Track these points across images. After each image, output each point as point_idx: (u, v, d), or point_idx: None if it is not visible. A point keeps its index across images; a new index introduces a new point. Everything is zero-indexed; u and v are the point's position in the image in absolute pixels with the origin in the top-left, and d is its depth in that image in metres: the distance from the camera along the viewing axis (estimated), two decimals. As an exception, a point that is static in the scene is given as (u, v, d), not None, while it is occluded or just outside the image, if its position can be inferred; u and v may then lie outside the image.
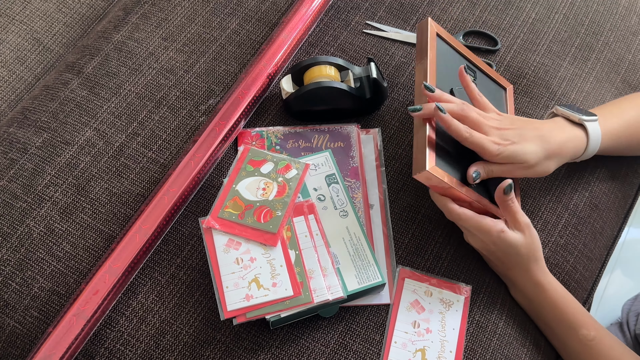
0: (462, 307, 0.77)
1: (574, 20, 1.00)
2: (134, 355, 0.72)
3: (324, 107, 0.85)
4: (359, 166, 0.83)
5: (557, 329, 0.76)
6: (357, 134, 0.85)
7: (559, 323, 0.76)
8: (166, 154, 0.83)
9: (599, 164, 0.89)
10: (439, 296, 0.77)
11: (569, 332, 0.75)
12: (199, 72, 0.88)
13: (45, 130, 0.83)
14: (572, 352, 0.76)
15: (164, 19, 0.92)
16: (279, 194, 0.76)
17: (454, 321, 0.76)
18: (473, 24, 0.97)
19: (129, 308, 0.75)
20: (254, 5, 0.94)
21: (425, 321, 0.75)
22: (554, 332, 0.77)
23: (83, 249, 0.77)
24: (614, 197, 0.90)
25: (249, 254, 0.72)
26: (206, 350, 0.73)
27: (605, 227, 0.89)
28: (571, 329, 0.75)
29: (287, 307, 0.69)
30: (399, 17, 0.97)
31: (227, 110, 0.83)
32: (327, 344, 0.74)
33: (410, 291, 0.77)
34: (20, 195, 0.79)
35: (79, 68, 0.88)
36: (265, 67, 0.86)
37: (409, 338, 0.74)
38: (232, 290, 0.70)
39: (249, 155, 0.79)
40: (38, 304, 0.74)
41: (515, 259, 0.75)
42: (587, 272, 0.85)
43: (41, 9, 0.98)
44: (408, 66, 0.92)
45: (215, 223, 0.74)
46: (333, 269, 0.72)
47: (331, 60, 0.85)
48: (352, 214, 0.77)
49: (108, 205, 0.79)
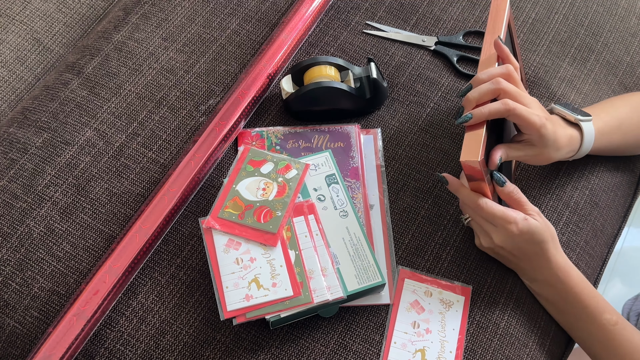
0: (462, 307, 0.77)
1: (573, 20, 1.00)
2: (134, 355, 0.72)
3: (324, 107, 0.85)
4: (359, 166, 0.83)
5: (580, 314, 0.76)
6: (357, 134, 0.85)
7: (582, 309, 0.75)
8: (166, 154, 0.83)
9: (599, 162, 0.89)
10: (439, 296, 0.77)
11: (592, 317, 0.75)
12: (199, 72, 0.88)
13: (45, 130, 0.83)
14: (595, 337, 0.75)
15: (164, 19, 0.92)
16: (279, 194, 0.76)
17: (454, 321, 0.76)
18: (473, 24, 0.97)
19: (129, 308, 0.75)
20: (254, 5, 0.94)
21: (425, 321, 0.75)
22: (577, 317, 0.76)
23: (83, 249, 0.77)
24: (615, 194, 0.91)
25: (248, 254, 0.72)
26: (206, 350, 0.73)
27: (606, 225, 0.89)
28: (595, 314, 0.74)
29: (287, 307, 0.69)
30: (399, 17, 0.97)
31: (227, 111, 0.83)
32: (327, 344, 0.74)
33: (410, 291, 0.77)
34: (20, 195, 0.79)
35: (79, 68, 0.88)
36: (265, 67, 0.86)
37: (408, 338, 0.74)
38: (232, 290, 0.70)
39: (249, 156, 0.79)
40: (38, 304, 0.74)
41: (539, 247, 0.74)
42: (588, 269, 0.85)
43: (41, 9, 0.98)
44: (408, 66, 0.92)
45: (215, 223, 0.74)
46: (333, 269, 0.72)
47: (331, 60, 0.85)
48: (352, 214, 0.77)
49: (108, 205, 0.79)
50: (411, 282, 0.77)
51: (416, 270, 0.78)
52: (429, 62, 0.93)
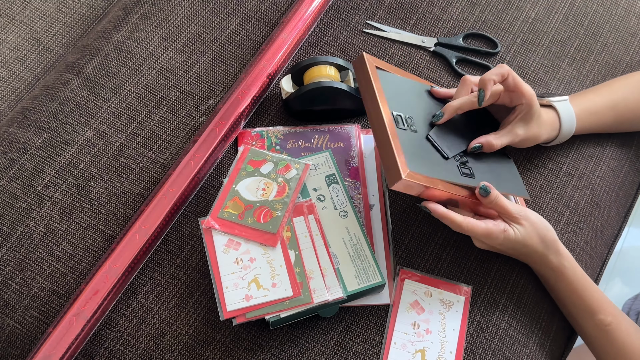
0: (463, 307, 0.77)
1: (573, 20, 1.00)
2: (134, 355, 0.72)
3: (324, 107, 0.85)
4: (359, 166, 0.83)
5: (575, 313, 0.78)
6: (358, 134, 0.85)
7: (576, 308, 0.77)
8: (166, 154, 0.83)
9: (600, 162, 0.89)
10: (439, 297, 0.77)
11: (586, 317, 0.76)
12: (199, 72, 0.88)
13: (45, 130, 0.83)
14: (589, 336, 0.77)
15: (164, 19, 0.92)
16: (278, 194, 0.76)
17: (454, 322, 0.76)
18: (473, 24, 0.97)
19: (128, 308, 0.75)
20: (254, 5, 0.94)
21: (425, 322, 0.75)
22: (572, 316, 0.79)
23: (83, 249, 0.77)
24: (615, 195, 0.91)
25: (248, 254, 0.72)
26: (206, 350, 0.73)
27: (606, 225, 0.89)
28: (588, 314, 0.76)
29: (287, 307, 0.69)
30: (399, 17, 0.97)
31: (227, 110, 0.83)
32: (327, 344, 0.74)
33: (410, 292, 0.77)
34: (20, 195, 0.79)
35: (79, 68, 0.88)
36: (265, 67, 0.86)
37: (408, 339, 0.74)
38: (231, 290, 0.70)
39: (248, 156, 0.79)
40: (38, 304, 0.74)
41: (526, 251, 0.76)
42: (588, 270, 0.85)
43: (41, 9, 0.98)
44: (408, 66, 0.92)
45: (215, 223, 0.74)
46: (333, 269, 0.72)
47: (331, 60, 0.85)
48: (351, 214, 0.77)
49: (108, 205, 0.79)
50: (411, 283, 0.77)
51: (416, 271, 0.78)
52: (428, 62, 0.93)
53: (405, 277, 0.78)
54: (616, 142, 0.92)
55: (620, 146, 0.92)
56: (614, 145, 0.92)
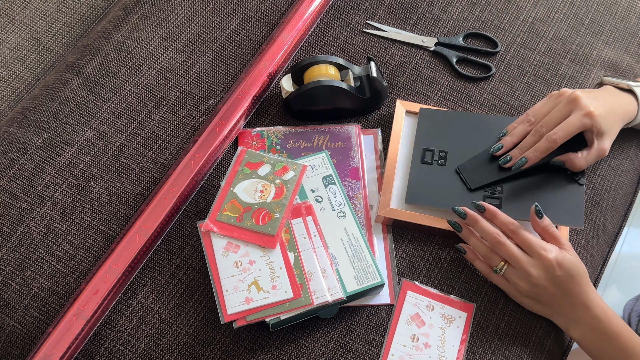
0: (464, 324, 0.76)
1: (574, 19, 1.00)
2: (134, 355, 0.73)
3: (324, 107, 0.85)
4: (360, 166, 0.83)
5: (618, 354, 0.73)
6: (358, 134, 0.85)
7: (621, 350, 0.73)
8: (166, 154, 0.83)
9: (600, 161, 0.89)
10: (441, 311, 0.76)
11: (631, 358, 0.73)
12: (199, 72, 0.88)
13: (45, 130, 0.83)
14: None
15: (164, 19, 0.92)
16: (276, 196, 0.76)
17: (454, 338, 0.75)
18: (473, 24, 0.97)
19: (129, 308, 0.75)
20: (254, 5, 0.94)
21: (425, 336, 0.74)
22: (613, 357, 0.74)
23: (83, 249, 0.77)
24: (617, 194, 0.91)
25: (248, 257, 0.72)
26: (206, 350, 0.73)
27: (607, 224, 0.89)
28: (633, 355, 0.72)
29: (287, 309, 0.69)
30: (399, 17, 0.97)
31: (227, 110, 0.83)
32: (327, 344, 0.74)
33: (412, 304, 0.76)
34: (20, 195, 0.79)
35: (79, 68, 0.88)
36: (265, 67, 0.86)
37: (406, 351, 0.73)
38: (231, 293, 0.70)
39: (245, 158, 0.79)
40: (38, 304, 0.74)
41: (576, 280, 0.73)
42: (589, 268, 0.85)
43: (41, 9, 0.98)
44: (408, 66, 0.92)
45: (213, 226, 0.74)
46: (332, 270, 0.73)
47: (331, 59, 0.85)
48: (349, 214, 0.77)
49: (108, 205, 0.80)
50: (413, 295, 0.77)
51: (420, 284, 0.78)
52: (428, 62, 0.93)
53: (408, 289, 0.77)
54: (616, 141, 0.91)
55: (621, 145, 0.92)
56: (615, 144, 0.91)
